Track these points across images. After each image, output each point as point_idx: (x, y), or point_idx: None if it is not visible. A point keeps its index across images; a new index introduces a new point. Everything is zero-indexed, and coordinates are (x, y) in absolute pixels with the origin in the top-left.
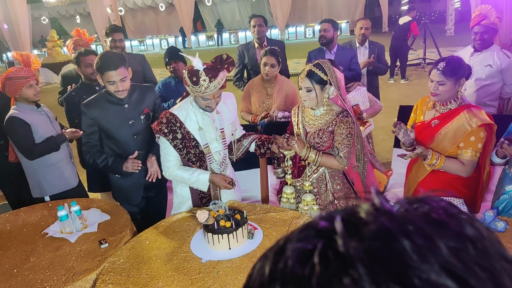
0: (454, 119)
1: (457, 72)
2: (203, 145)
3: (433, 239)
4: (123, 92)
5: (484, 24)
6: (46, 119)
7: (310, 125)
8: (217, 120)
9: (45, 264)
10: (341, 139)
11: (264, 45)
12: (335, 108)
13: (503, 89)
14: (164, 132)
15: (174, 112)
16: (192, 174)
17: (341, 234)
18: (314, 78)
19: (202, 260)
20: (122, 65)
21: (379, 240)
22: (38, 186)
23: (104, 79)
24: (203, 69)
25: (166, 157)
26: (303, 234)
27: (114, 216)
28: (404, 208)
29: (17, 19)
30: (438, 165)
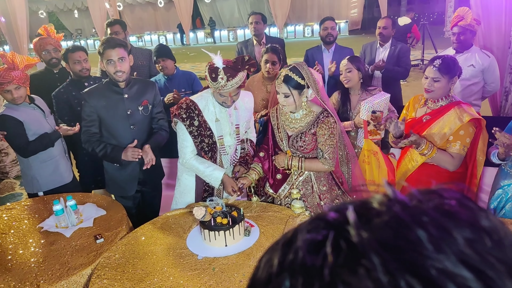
0: (445, 115)
1: (452, 70)
2: (217, 136)
3: (449, 230)
4: (122, 74)
5: (461, 25)
6: (40, 114)
7: (291, 128)
8: (234, 115)
9: (40, 258)
10: (324, 140)
11: (263, 43)
12: (314, 109)
13: (484, 88)
14: (182, 117)
15: (194, 100)
16: (207, 167)
17: (354, 224)
18: (291, 83)
19: (198, 257)
20: (121, 46)
21: (393, 230)
22: (31, 181)
23: (104, 59)
24: (223, 68)
25: (184, 143)
26: (312, 225)
27: (110, 211)
28: (417, 199)
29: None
30: (430, 155)
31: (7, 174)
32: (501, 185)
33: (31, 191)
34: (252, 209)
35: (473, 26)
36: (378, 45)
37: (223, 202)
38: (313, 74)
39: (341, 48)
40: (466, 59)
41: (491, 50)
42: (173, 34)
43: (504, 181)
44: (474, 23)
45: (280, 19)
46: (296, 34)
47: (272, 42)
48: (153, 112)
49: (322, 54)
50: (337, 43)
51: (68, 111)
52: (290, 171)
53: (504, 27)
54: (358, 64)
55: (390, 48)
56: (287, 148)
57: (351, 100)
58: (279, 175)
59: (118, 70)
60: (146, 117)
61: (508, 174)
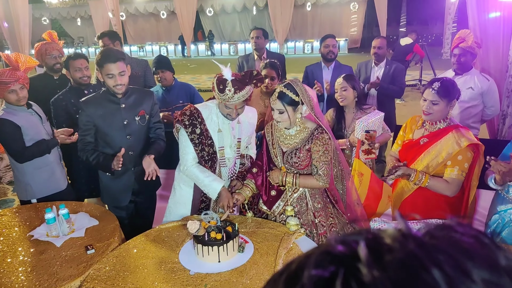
0: (442, 138)
1: (451, 93)
2: (218, 147)
3: (466, 271)
4: (122, 87)
5: (462, 47)
6: (37, 120)
7: (285, 144)
8: (236, 128)
9: (28, 267)
10: (318, 157)
11: (263, 57)
12: (309, 125)
13: (484, 111)
14: (185, 124)
15: (198, 108)
16: (207, 176)
17: (366, 261)
18: (286, 100)
19: (190, 272)
20: (121, 59)
21: (407, 270)
22: (25, 188)
23: (103, 72)
24: (231, 80)
25: (186, 150)
26: (319, 259)
27: (102, 221)
28: (431, 234)
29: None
30: (423, 183)
31: (0, 179)
32: (498, 210)
33: (24, 198)
34: (246, 224)
35: (473, 49)
36: (373, 64)
37: (218, 217)
38: (307, 90)
39: (340, 65)
40: (466, 81)
41: (489, 73)
42: (174, 45)
43: (500, 206)
44: (475, 45)
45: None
46: (296, 50)
47: (272, 58)
48: (151, 121)
49: (321, 71)
50: (337, 61)
51: (66, 118)
52: (284, 187)
53: (502, 51)
54: (353, 83)
55: (385, 67)
56: (282, 164)
57: (345, 118)
58: (273, 192)
59: (118, 84)
60: (143, 127)
61: (505, 199)
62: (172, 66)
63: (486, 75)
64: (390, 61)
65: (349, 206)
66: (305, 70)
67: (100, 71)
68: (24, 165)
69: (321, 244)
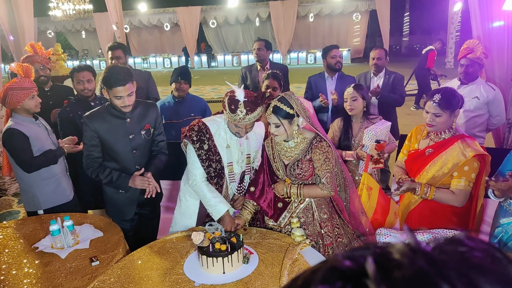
0: (448, 148)
1: (453, 103)
2: (227, 163)
3: (478, 287)
4: (129, 106)
5: (470, 58)
6: (44, 131)
7: (287, 157)
8: (244, 144)
9: (33, 279)
10: (320, 165)
11: (266, 68)
12: (307, 135)
13: (489, 120)
14: (193, 140)
15: (207, 123)
16: (215, 197)
17: (374, 278)
18: (280, 114)
19: (195, 284)
20: (129, 81)
21: (417, 286)
22: (32, 199)
23: (111, 93)
24: (243, 101)
25: (194, 165)
26: (325, 275)
27: (107, 233)
28: (440, 249)
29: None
30: (429, 196)
31: (6, 191)
32: (501, 223)
33: (31, 209)
34: (251, 235)
35: (481, 59)
36: (372, 75)
37: (222, 228)
38: (302, 102)
39: (343, 76)
40: (471, 90)
41: (494, 82)
42: (178, 57)
43: (503, 219)
44: (483, 56)
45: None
46: (299, 60)
47: (275, 68)
48: (154, 134)
49: (325, 82)
50: (340, 71)
51: (73, 130)
52: (290, 199)
53: (506, 60)
54: (362, 93)
55: (384, 77)
56: (285, 177)
57: (352, 127)
58: (280, 204)
59: (126, 105)
60: (148, 140)
61: (508, 212)
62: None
63: (491, 84)
64: (389, 71)
65: (353, 214)
66: (308, 81)
67: (107, 92)
68: (30, 176)
69: (327, 259)
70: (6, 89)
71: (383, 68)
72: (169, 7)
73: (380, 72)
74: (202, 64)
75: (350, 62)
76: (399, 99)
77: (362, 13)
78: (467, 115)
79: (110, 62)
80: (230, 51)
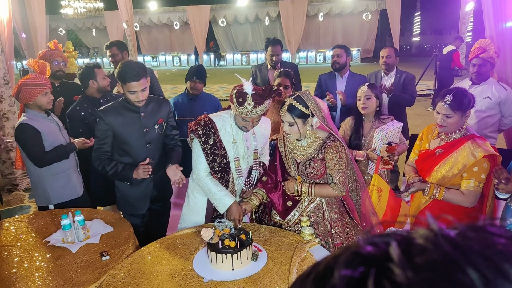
0: (458, 149)
1: (464, 104)
2: (233, 158)
3: (505, 272)
4: (143, 101)
5: (483, 57)
6: (56, 127)
7: (299, 155)
8: (250, 140)
9: (45, 273)
10: (333, 165)
11: (277, 67)
12: (321, 134)
13: (501, 120)
14: (199, 133)
15: (213, 119)
16: (220, 191)
17: (399, 262)
18: (295, 113)
19: (204, 280)
20: (143, 76)
21: (443, 271)
22: (43, 194)
23: (126, 88)
24: (251, 94)
25: (199, 160)
26: (348, 259)
27: (117, 228)
28: (464, 235)
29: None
30: (439, 196)
31: (17, 186)
32: (508, 223)
33: (42, 203)
34: (260, 233)
35: (494, 59)
36: (383, 74)
37: (232, 225)
38: (318, 102)
39: (354, 75)
40: (483, 90)
41: (506, 82)
42: (187, 55)
43: (510, 219)
44: (495, 55)
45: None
46: (308, 60)
47: (286, 67)
48: (168, 129)
49: (335, 81)
50: (351, 70)
51: (85, 128)
52: (300, 197)
53: None
54: (376, 92)
55: (396, 76)
56: (297, 175)
57: (364, 127)
58: (289, 202)
59: (140, 100)
60: (160, 135)
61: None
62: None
63: (503, 84)
64: (400, 70)
65: (364, 215)
66: (319, 79)
67: (122, 86)
68: (41, 170)
69: (349, 245)
70: (20, 84)
71: (393, 66)
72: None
73: (391, 71)
74: (211, 63)
75: (359, 62)
76: (409, 99)
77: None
78: (479, 115)
79: (110, 60)
80: (239, 50)
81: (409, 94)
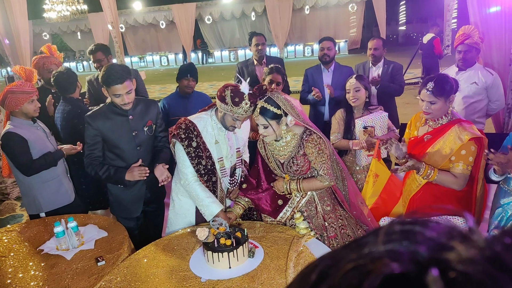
0: (445, 133)
1: (446, 90)
2: (217, 158)
3: None
4: (129, 104)
5: (468, 43)
6: (43, 134)
7: (281, 156)
8: (232, 139)
9: (40, 282)
10: (314, 158)
11: (263, 62)
12: (297, 131)
13: (489, 105)
14: (181, 137)
15: (193, 121)
16: (208, 197)
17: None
18: (268, 115)
19: (201, 279)
20: (128, 78)
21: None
22: (34, 202)
23: (110, 92)
24: (248, 94)
25: (184, 164)
26: (374, 283)
27: (111, 232)
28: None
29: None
30: (432, 177)
31: (8, 196)
32: (501, 203)
33: (32, 212)
34: (255, 229)
35: (478, 44)
36: (370, 65)
37: (227, 223)
38: (289, 100)
39: (340, 67)
40: (469, 76)
41: (493, 67)
42: (175, 54)
43: (503, 200)
44: (479, 40)
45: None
46: (296, 53)
47: (272, 62)
48: (156, 131)
49: (321, 74)
50: (337, 62)
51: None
52: (291, 195)
53: (504, 44)
54: (365, 83)
55: (383, 66)
56: (284, 174)
57: (354, 118)
58: (280, 201)
59: (125, 103)
60: (150, 137)
61: (507, 192)
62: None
63: (489, 69)
64: (387, 60)
65: (353, 204)
66: (305, 73)
67: (107, 90)
68: (31, 179)
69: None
70: (6, 92)
71: (381, 58)
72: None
73: (379, 62)
74: (199, 61)
75: (347, 53)
76: (398, 88)
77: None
78: (466, 101)
79: (94, 66)
80: (227, 46)
81: (397, 84)
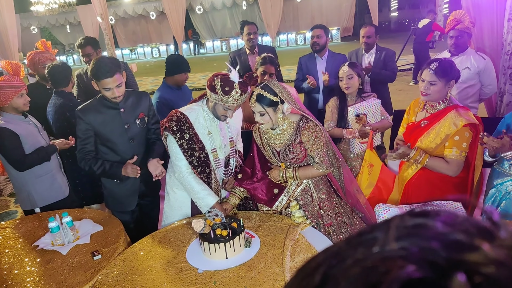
0: (441, 119)
1: (449, 73)
2: (211, 149)
3: None
4: (120, 97)
5: (459, 29)
6: (34, 129)
7: (277, 144)
8: (225, 129)
9: (36, 277)
10: (311, 146)
11: (255, 51)
12: (293, 118)
13: (481, 90)
14: (173, 130)
15: (185, 113)
16: (203, 189)
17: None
18: (264, 102)
19: (198, 271)
20: (117, 71)
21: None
22: (28, 198)
23: (100, 86)
24: (238, 82)
25: (178, 157)
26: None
27: (107, 226)
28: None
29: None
30: (422, 162)
31: (1, 192)
32: (494, 184)
33: (27, 207)
34: (251, 219)
35: (469, 29)
36: (363, 52)
37: (222, 214)
38: (286, 88)
39: (334, 54)
40: (462, 61)
41: (484, 52)
42: (166, 46)
43: (497, 180)
44: (471, 25)
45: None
46: (288, 42)
47: (264, 51)
48: (149, 123)
49: (315, 62)
50: (330, 50)
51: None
52: (286, 183)
53: (496, 28)
54: (357, 70)
55: (376, 53)
56: (280, 163)
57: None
58: (276, 190)
59: (116, 96)
60: (143, 129)
61: (501, 173)
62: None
63: (482, 54)
64: (380, 47)
65: (348, 192)
66: (299, 62)
67: (97, 84)
68: (24, 174)
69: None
70: None
71: (373, 45)
72: None
73: (371, 49)
74: (191, 52)
75: (340, 41)
76: (390, 75)
77: None
78: (459, 86)
79: (84, 60)
80: (219, 36)
81: (390, 70)
